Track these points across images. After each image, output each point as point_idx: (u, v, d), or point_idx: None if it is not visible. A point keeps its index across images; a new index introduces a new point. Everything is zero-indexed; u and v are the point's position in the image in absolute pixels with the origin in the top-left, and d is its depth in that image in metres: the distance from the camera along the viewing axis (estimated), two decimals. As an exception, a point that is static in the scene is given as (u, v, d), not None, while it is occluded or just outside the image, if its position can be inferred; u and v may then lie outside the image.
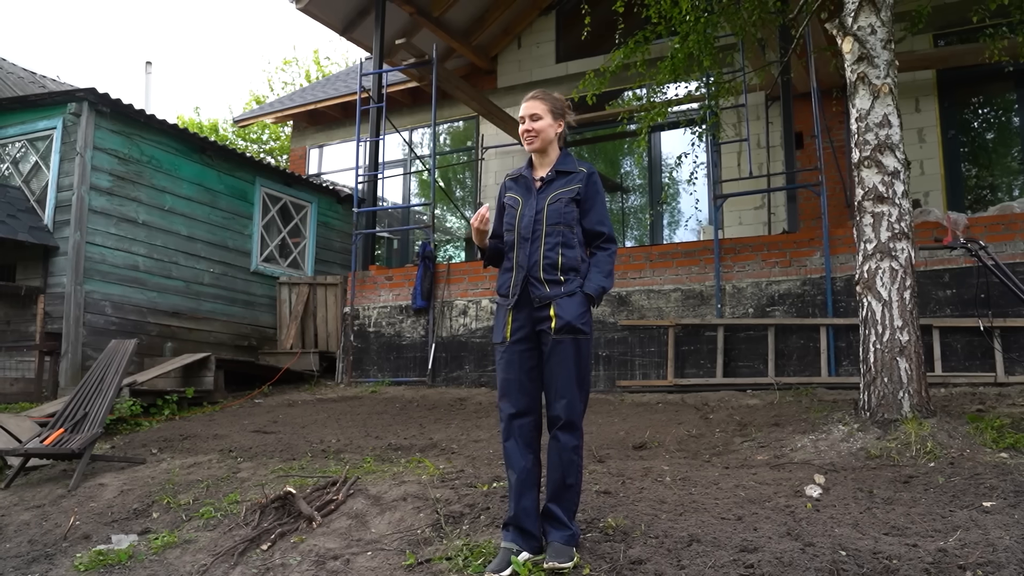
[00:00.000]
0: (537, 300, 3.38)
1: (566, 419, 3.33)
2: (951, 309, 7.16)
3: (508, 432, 3.41)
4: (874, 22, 5.33)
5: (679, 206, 12.04)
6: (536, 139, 3.51)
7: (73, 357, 8.54)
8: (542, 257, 3.39)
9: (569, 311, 3.34)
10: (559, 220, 3.42)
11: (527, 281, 3.40)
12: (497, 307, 3.56)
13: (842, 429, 5.08)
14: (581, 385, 3.38)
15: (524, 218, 3.46)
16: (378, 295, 9.81)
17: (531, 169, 3.61)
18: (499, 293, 3.53)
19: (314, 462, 5.54)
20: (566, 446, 3.33)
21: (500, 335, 3.47)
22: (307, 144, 14.96)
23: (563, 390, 3.33)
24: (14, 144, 9.38)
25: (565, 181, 3.49)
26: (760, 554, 3.07)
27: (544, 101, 3.52)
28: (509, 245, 3.50)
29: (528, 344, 3.42)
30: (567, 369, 3.33)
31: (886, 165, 5.23)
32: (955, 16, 9.48)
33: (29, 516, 5.07)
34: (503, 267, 3.54)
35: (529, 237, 3.43)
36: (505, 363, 3.43)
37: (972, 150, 10.39)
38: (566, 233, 3.43)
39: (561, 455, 3.33)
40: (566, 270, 3.40)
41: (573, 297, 3.37)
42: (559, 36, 12.81)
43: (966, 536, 3.13)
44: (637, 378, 8.13)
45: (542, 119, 3.50)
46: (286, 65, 33.87)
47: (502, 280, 3.51)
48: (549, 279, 3.38)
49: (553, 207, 3.43)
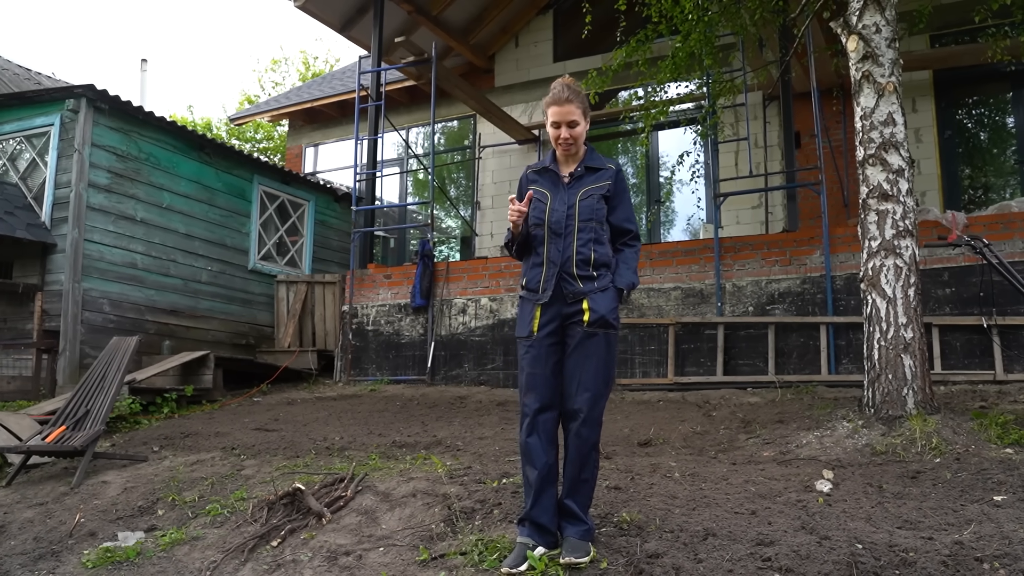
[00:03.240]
0: (571, 296, 3.35)
1: (588, 414, 3.28)
2: (950, 307, 7.20)
3: (532, 427, 3.34)
4: (879, 20, 5.36)
5: (674, 205, 12.06)
6: (573, 146, 3.44)
7: (71, 355, 8.49)
8: (575, 253, 3.36)
9: (603, 305, 3.32)
10: (591, 216, 3.39)
11: (560, 277, 3.35)
12: (522, 300, 3.50)
13: (846, 426, 5.11)
14: (607, 380, 3.36)
15: (555, 213, 3.41)
16: (377, 293, 9.79)
17: (556, 163, 3.53)
18: (527, 288, 3.46)
19: (319, 459, 5.53)
20: (587, 441, 3.29)
21: (527, 328, 3.41)
22: (303, 142, 14.92)
23: (589, 383, 3.29)
24: (11, 141, 9.32)
25: (595, 177, 3.44)
26: (777, 547, 3.08)
27: (578, 103, 3.40)
28: (538, 240, 3.44)
29: (555, 338, 3.37)
30: (596, 362, 3.30)
31: (891, 163, 5.26)
32: (953, 16, 9.54)
33: (32, 514, 5.04)
34: (531, 262, 3.47)
35: (561, 232, 3.38)
36: (532, 358, 3.37)
37: (968, 150, 10.45)
38: (597, 229, 3.40)
39: (580, 450, 3.29)
40: (598, 266, 3.37)
41: (606, 292, 3.36)
42: (557, 35, 12.82)
43: (980, 529, 3.16)
44: (638, 376, 8.14)
45: (579, 124, 3.41)
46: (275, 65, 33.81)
47: (531, 275, 3.45)
48: (582, 275, 3.35)
49: (585, 203, 3.40)
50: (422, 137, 13.91)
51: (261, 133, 23.67)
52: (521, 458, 3.42)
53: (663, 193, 11.97)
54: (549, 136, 3.47)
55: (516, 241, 3.48)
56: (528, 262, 3.50)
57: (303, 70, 27.18)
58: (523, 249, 3.52)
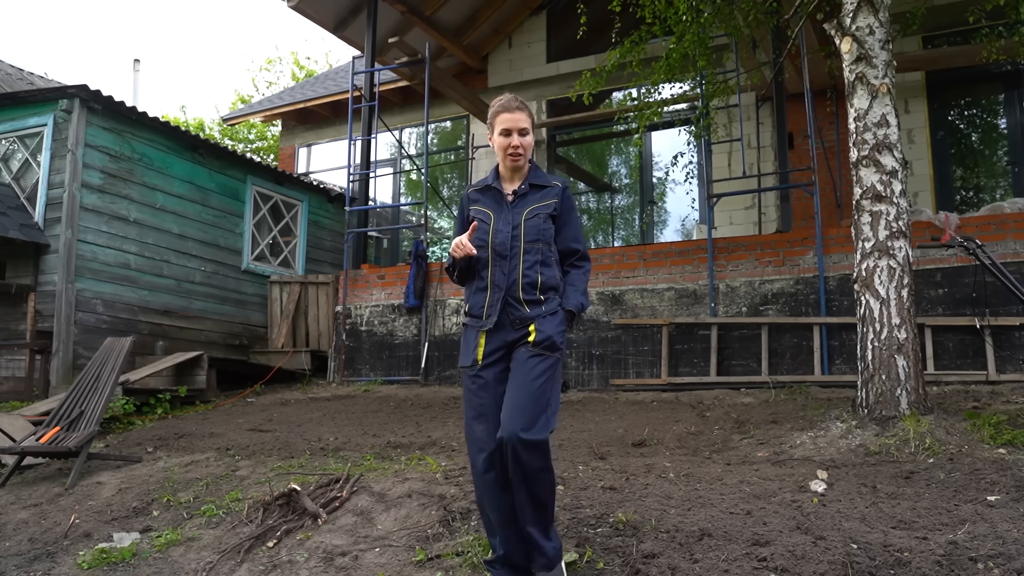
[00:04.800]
0: (517, 322, 3.14)
1: (530, 438, 2.95)
2: (943, 308, 7.24)
3: (490, 463, 3.08)
4: (872, 23, 5.39)
5: (668, 206, 12.10)
6: (522, 156, 3.22)
7: (64, 356, 8.46)
8: (521, 276, 3.14)
9: (550, 327, 3.11)
10: (537, 237, 3.18)
11: (505, 302, 3.14)
12: (465, 328, 3.26)
13: (840, 426, 5.13)
14: (548, 403, 3.06)
15: (499, 234, 3.19)
16: (370, 294, 9.79)
17: (499, 180, 3.31)
18: (470, 314, 3.23)
19: (313, 460, 5.52)
20: (531, 467, 2.97)
21: (470, 358, 3.18)
22: (296, 143, 14.91)
23: (530, 406, 3.00)
24: (3, 141, 9.27)
25: (540, 195, 3.24)
26: (772, 547, 3.10)
27: (527, 114, 3.23)
28: (482, 263, 3.21)
29: (502, 365, 3.15)
30: (537, 385, 3.03)
31: (884, 164, 5.28)
32: (945, 18, 9.59)
33: (27, 515, 5.03)
34: (474, 286, 3.24)
35: (506, 255, 3.17)
36: (478, 388, 3.15)
37: (960, 151, 10.51)
38: (544, 251, 3.19)
39: (526, 476, 2.98)
40: (546, 289, 3.17)
41: (555, 315, 3.15)
42: (550, 36, 12.84)
43: (974, 529, 3.18)
44: (631, 377, 8.16)
45: (529, 134, 3.22)
46: (269, 64, 33.82)
47: (475, 300, 3.22)
48: (529, 299, 3.14)
49: (531, 223, 3.19)
50: (415, 137, 13.92)
51: (254, 133, 23.64)
52: (477, 494, 3.20)
53: (656, 194, 12.00)
54: (496, 149, 3.27)
55: (458, 266, 3.24)
56: (471, 286, 3.27)
57: (297, 70, 27.15)
58: (465, 274, 3.29)
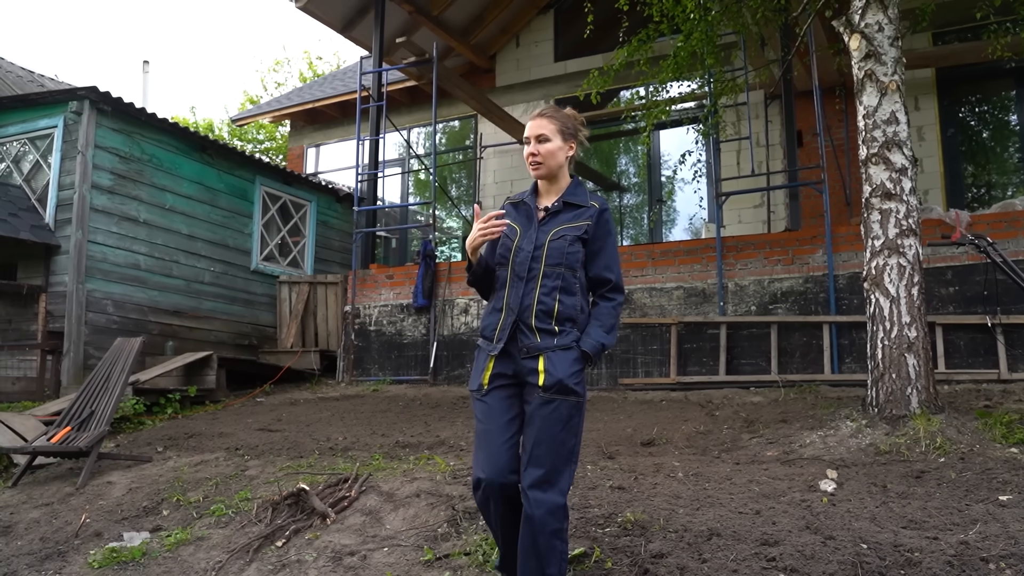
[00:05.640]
0: (524, 351, 2.87)
1: (545, 495, 2.74)
2: (954, 306, 7.19)
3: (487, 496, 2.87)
4: (881, 19, 5.36)
5: (676, 204, 12.07)
6: (542, 165, 2.97)
7: (75, 356, 8.50)
8: (536, 302, 2.88)
9: (561, 367, 2.82)
10: (560, 261, 2.90)
11: (516, 327, 2.89)
12: (478, 350, 3.04)
13: (850, 425, 5.10)
14: (569, 456, 2.83)
15: (520, 253, 2.93)
16: (379, 294, 9.80)
17: (535, 196, 3.07)
18: (483, 335, 3.01)
19: (322, 460, 5.54)
20: (543, 528, 2.73)
21: (477, 381, 2.96)
22: (305, 143, 14.94)
23: (544, 458, 2.77)
24: (14, 143, 9.34)
25: (573, 215, 2.96)
26: (781, 547, 3.09)
27: (553, 120, 2.99)
28: (500, 282, 2.98)
29: (510, 391, 2.92)
30: (552, 434, 2.79)
31: (894, 162, 5.25)
32: (955, 14, 9.53)
33: (38, 514, 5.05)
34: (490, 305, 3.02)
35: (524, 276, 2.91)
36: (481, 411, 2.93)
37: (971, 148, 10.44)
38: (567, 276, 2.91)
39: (537, 539, 2.74)
40: (562, 320, 2.88)
41: (568, 352, 2.86)
42: (557, 35, 12.83)
43: (986, 529, 3.16)
44: (640, 376, 8.14)
45: (550, 141, 2.96)
46: (278, 65, 33.94)
47: (488, 321, 2.99)
48: (541, 328, 2.87)
49: (555, 244, 2.91)
50: (423, 137, 13.92)
51: (263, 134, 23.71)
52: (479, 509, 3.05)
53: (665, 192, 11.97)
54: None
55: (475, 271, 3.04)
56: (488, 305, 3.05)
57: (306, 70, 27.21)
58: (483, 283, 3.07)
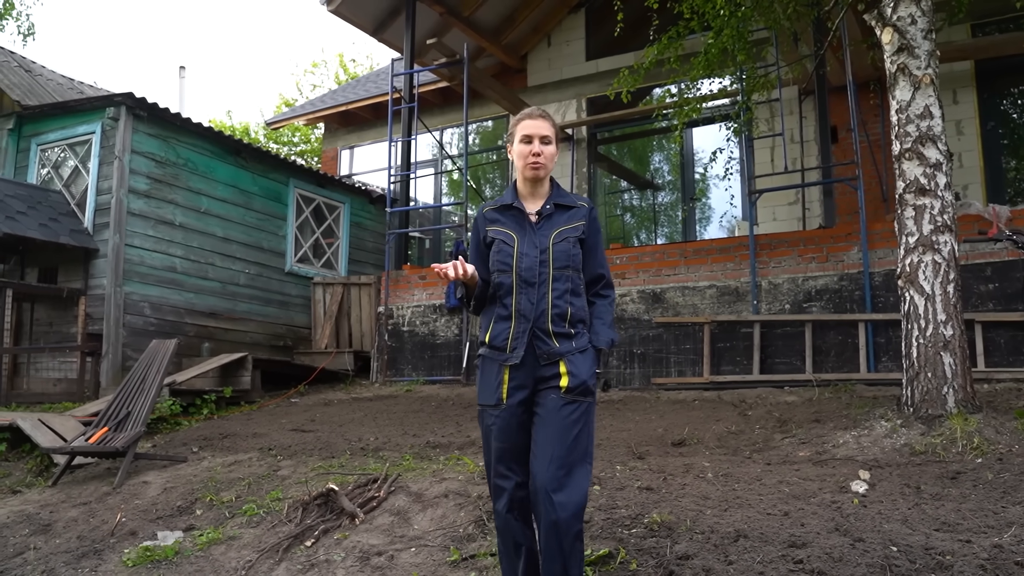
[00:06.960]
0: (544, 357, 2.87)
1: (570, 498, 2.73)
2: (993, 303, 7.04)
3: (510, 505, 2.86)
4: (914, 12, 5.26)
5: (710, 202, 11.95)
6: (543, 167, 2.98)
7: (114, 358, 8.67)
8: (551, 306, 2.88)
9: (583, 369, 2.86)
10: (567, 263, 2.92)
11: (533, 334, 2.88)
12: (483, 361, 2.97)
13: (885, 425, 5.02)
14: (586, 456, 2.84)
15: (525, 258, 2.91)
16: (412, 294, 9.85)
17: (519, 199, 3.04)
18: (490, 345, 2.94)
19: (353, 460, 5.58)
20: (567, 531, 2.72)
21: (494, 395, 2.90)
22: (339, 145, 15.07)
23: (566, 460, 2.77)
24: (55, 149, 9.56)
25: (567, 216, 2.98)
26: (809, 549, 3.05)
27: (552, 123, 3.01)
28: (504, 290, 2.94)
29: (527, 405, 2.90)
30: (573, 436, 2.79)
31: (928, 157, 5.15)
32: (994, 5, 9.32)
33: (77, 513, 5.15)
34: (495, 313, 2.97)
35: (534, 281, 2.89)
36: (499, 429, 2.88)
37: (1012, 142, 10.20)
38: (574, 278, 2.94)
39: (562, 542, 2.72)
40: (575, 322, 2.91)
41: (586, 353, 2.91)
42: (589, 33, 12.78)
43: (1021, 532, 3.08)
44: (672, 375, 8.08)
45: (552, 143, 2.99)
46: (314, 68, 34.30)
47: (497, 331, 2.93)
48: (558, 332, 2.88)
49: (560, 247, 2.92)
50: (456, 138, 13.96)
51: (298, 136, 23.96)
52: (499, 537, 3.00)
53: (697, 190, 11.87)
54: (515, 159, 3.04)
55: (472, 296, 3.00)
56: (490, 313, 2.99)
57: (341, 72, 27.44)
58: (482, 303, 3.04)
